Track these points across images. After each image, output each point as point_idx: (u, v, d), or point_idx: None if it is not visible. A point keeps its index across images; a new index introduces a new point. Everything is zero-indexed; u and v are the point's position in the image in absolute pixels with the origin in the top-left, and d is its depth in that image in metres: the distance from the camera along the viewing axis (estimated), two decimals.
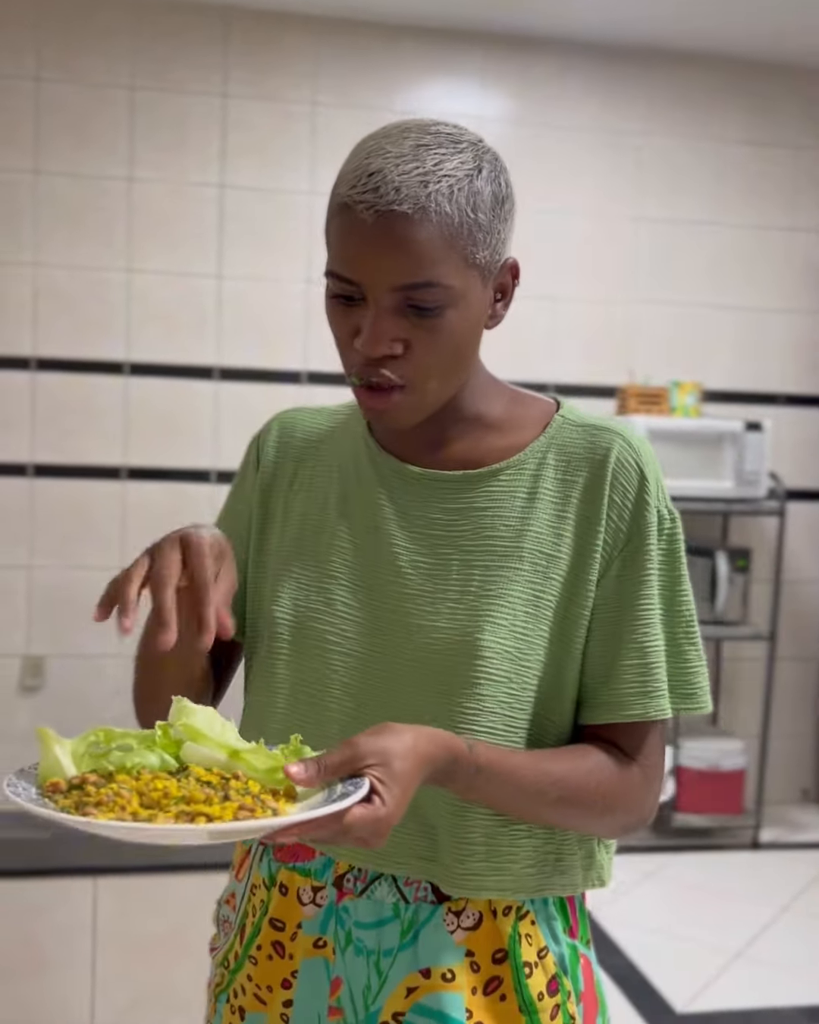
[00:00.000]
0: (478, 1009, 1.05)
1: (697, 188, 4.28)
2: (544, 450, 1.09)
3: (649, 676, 1.05)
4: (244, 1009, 1.13)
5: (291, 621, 1.10)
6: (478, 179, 0.99)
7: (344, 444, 1.17)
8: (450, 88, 4.07)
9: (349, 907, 1.07)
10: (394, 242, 0.97)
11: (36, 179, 3.81)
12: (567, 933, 1.12)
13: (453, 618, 1.05)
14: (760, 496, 3.99)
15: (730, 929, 3.39)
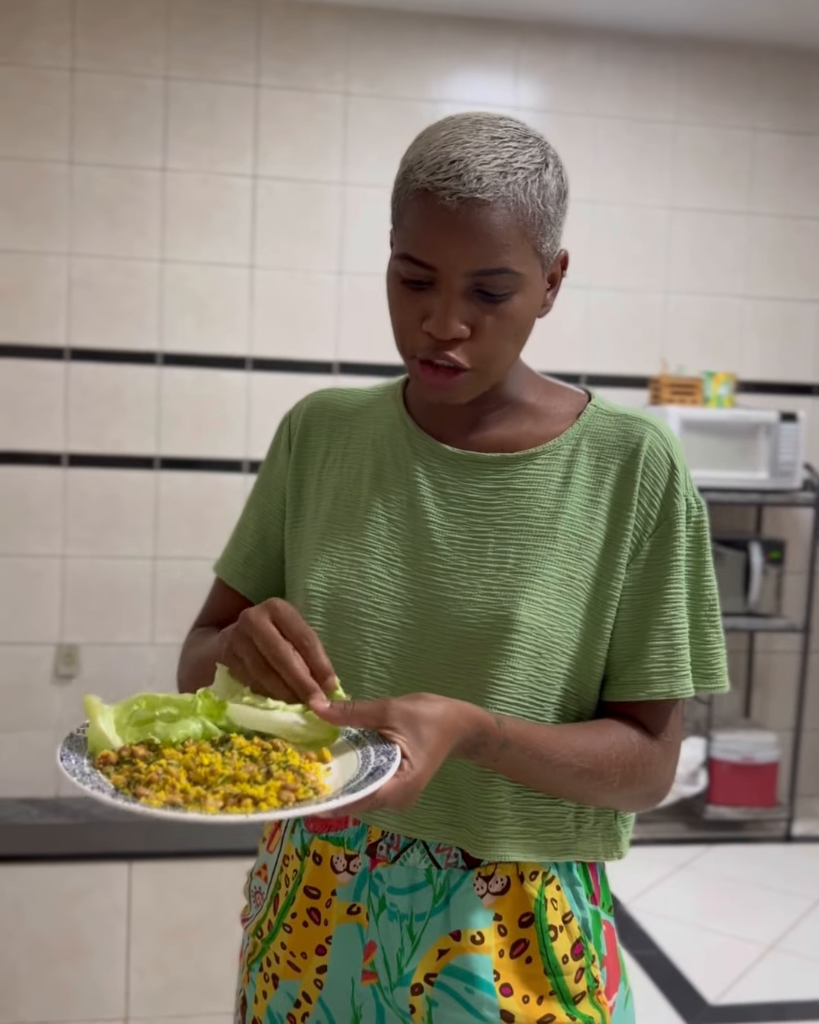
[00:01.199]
0: (505, 971, 1.09)
1: (731, 177, 4.25)
2: (578, 437, 1.14)
3: (675, 656, 1.10)
4: (278, 977, 1.17)
5: (325, 594, 1.13)
6: (546, 173, 1.05)
7: (379, 421, 1.20)
8: (483, 77, 4.06)
9: (382, 874, 1.11)
10: (474, 228, 1.01)
11: (71, 169, 3.82)
12: (590, 899, 1.15)
13: (488, 593, 1.08)
14: (795, 487, 3.96)
15: (762, 921, 3.37)
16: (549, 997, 1.10)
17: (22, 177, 3.80)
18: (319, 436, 1.22)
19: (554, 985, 1.10)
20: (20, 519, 3.88)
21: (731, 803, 4.04)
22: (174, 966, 2.34)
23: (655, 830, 4.07)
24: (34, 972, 2.32)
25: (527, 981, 1.10)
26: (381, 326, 1.18)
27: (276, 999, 1.17)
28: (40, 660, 3.91)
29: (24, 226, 3.81)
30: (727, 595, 4.00)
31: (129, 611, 3.96)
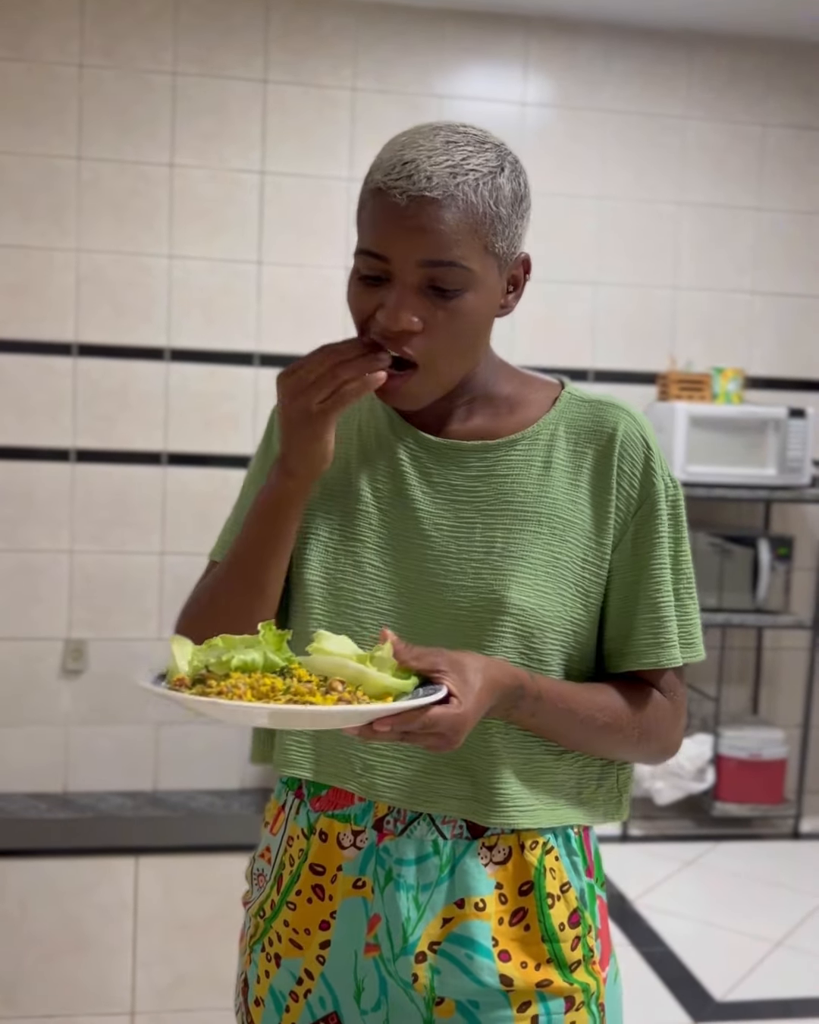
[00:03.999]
0: (503, 938, 1.14)
1: (740, 172, 4.23)
2: (555, 423, 1.19)
3: (662, 628, 1.17)
4: (280, 956, 1.20)
5: (323, 583, 1.17)
6: (500, 176, 1.09)
7: (361, 410, 1.24)
8: (491, 72, 4.05)
9: (390, 847, 1.15)
10: (423, 222, 1.06)
11: (79, 165, 3.83)
12: (585, 872, 1.20)
13: (478, 577, 1.13)
14: (803, 484, 3.95)
15: (770, 918, 3.37)
16: (546, 964, 1.15)
17: (30, 173, 3.80)
18: None
19: (551, 952, 1.15)
20: (28, 514, 3.88)
21: (739, 800, 4.03)
22: (180, 960, 2.35)
23: (663, 826, 4.06)
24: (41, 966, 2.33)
25: (525, 947, 1.14)
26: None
27: (278, 978, 1.20)
28: (47, 655, 3.92)
29: (32, 222, 3.82)
30: (735, 591, 3.99)
31: (136, 606, 3.96)
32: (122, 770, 3.96)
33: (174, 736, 3.97)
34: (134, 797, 3.89)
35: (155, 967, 2.35)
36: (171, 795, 3.93)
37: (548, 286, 4.10)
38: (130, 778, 3.96)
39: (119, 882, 2.32)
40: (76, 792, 3.91)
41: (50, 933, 2.32)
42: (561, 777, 1.17)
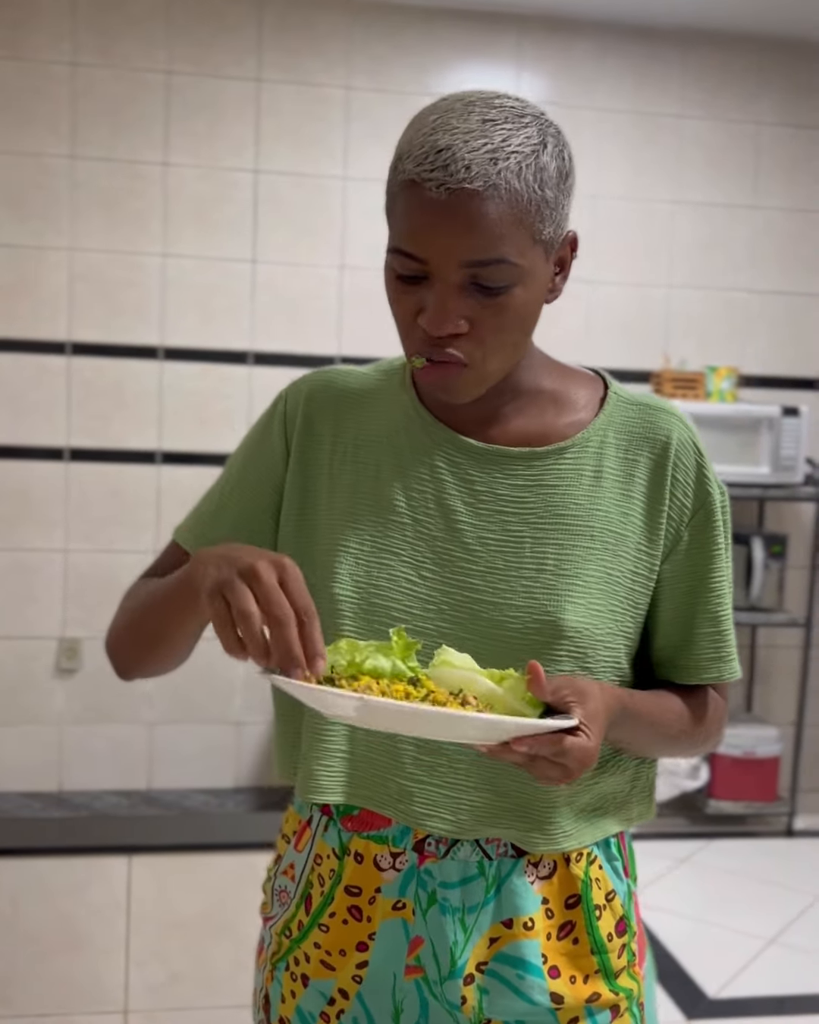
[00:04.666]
0: (552, 953, 1.10)
1: (735, 171, 4.24)
2: (604, 429, 1.12)
3: (723, 642, 1.13)
4: (308, 976, 1.15)
5: (354, 598, 1.08)
6: (544, 154, 1.00)
7: (390, 409, 1.14)
8: (485, 71, 4.05)
9: (432, 869, 1.10)
10: (465, 219, 0.96)
11: (72, 164, 3.82)
12: (623, 872, 1.17)
13: (530, 596, 1.06)
14: (797, 482, 3.95)
15: (763, 916, 3.37)
16: (594, 975, 1.11)
17: (23, 172, 3.80)
18: (324, 423, 1.15)
19: (599, 963, 1.12)
20: (22, 513, 3.88)
21: (732, 797, 4.04)
22: (174, 959, 2.35)
23: (656, 824, 4.07)
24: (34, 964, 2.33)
25: (574, 961, 1.11)
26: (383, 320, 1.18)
27: (306, 998, 1.15)
28: (42, 654, 3.92)
29: (25, 221, 3.81)
30: None
31: None
32: (116, 769, 3.96)
33: (168, 735, 3.97)
34: (128, 796, 3.89)
35: (149, 965, 2.35)
36: (165, 794, 3.93)
37: None
38: (124, 777, 3.96)
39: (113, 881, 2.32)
40: (70, 791, 3.92)
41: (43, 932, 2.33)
42: (603, 788, 1.13)
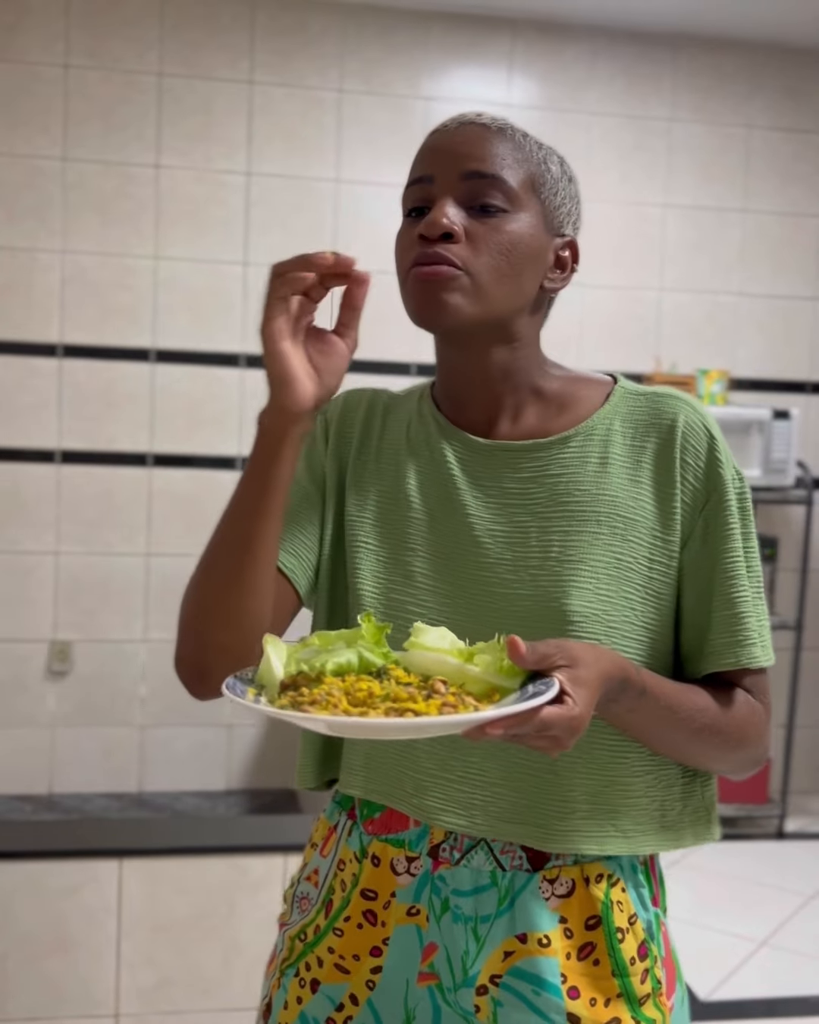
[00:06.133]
0: (572, 973, 1.08)
1: (725, 174, 4.25)
2: (610, 417, 1.12)
3: (740, 625, 1.08)
4: (319, 981, 1.15)
5: (373, 593, 1.12)
6: (549, 149, 1.12)
7: (411, 419, 1.19)
8: (477, 74, 4.06)
9: (445, 876, 1.10)
10: (471, 138, 1.07)
11: (64, 166, 3.82)
12: (652, 901, 1.15)
13: (536, 584, 1.07)
14: (787, 485, 3.96)
15: (754, 918, 3.38)
16: (616, 999, 1.09)
17: (15, 173, 3.80)
18: (352, 430, 1.20)
19: (622, 987, 1.09)
20: (13, 516, 3.88)
21: (724, 800, 4.04)
22: (164, 962, 2.35)
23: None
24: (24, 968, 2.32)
25: (595, 983, 1.09)
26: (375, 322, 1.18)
27: (313, 1004, 1.15)
28: (33, 657, 3.91)
29: (17, 223, 3.81)
30: None
31: (122, 608, 3.96)
32: (107, 772, 3.95)
33: (159, 738, 3.97)
34: (119, 799, 3.89)
35: (139, 969, 2.35)
36: (156, 797, 3.92)
37: None
38: (115, 780, 3.96)
39: (103, 884, 2.32)
40: (61, 794, 3.91)
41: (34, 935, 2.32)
42: (643, 800, 1.10)
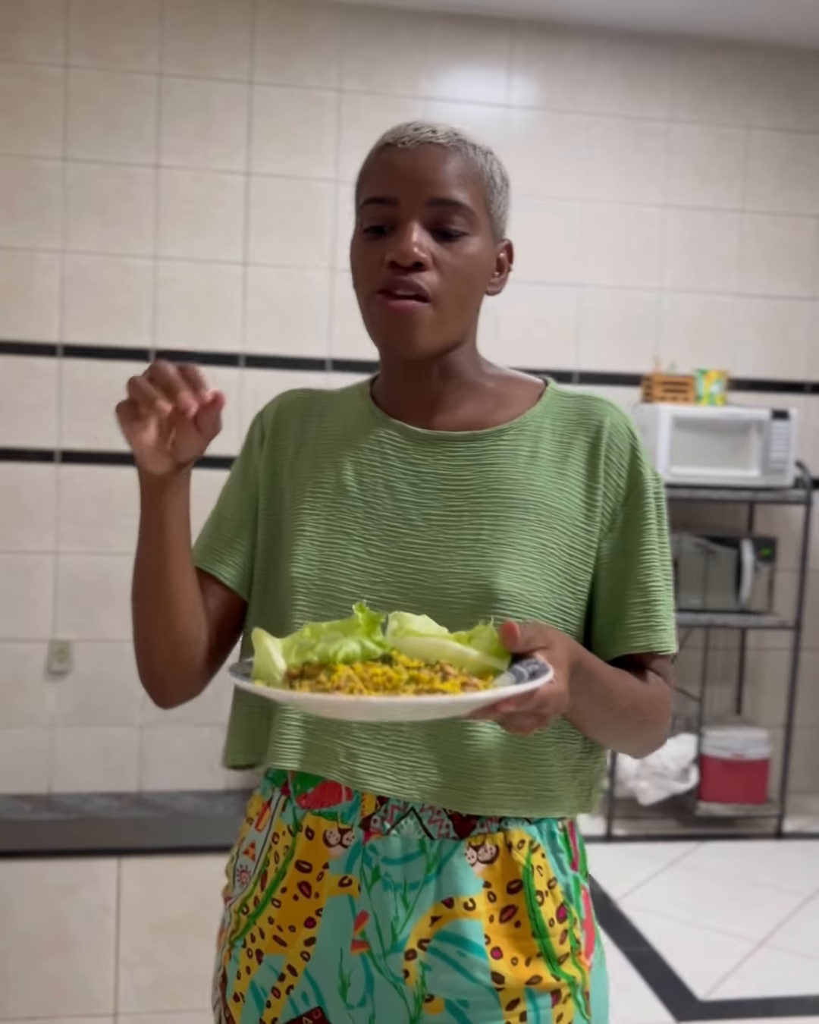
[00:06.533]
0: (495, 935, 1.15)
1: (724, 175, 4.25)
2: (542, 416, 1.21)
3: (653, 612, 1.18)
4: (262, 952, 1.20)
5: (307, 575, 1.18)
6: (491, 155, 1.18)
7: (348, 414, 1.26)
8: (477, 74, 4.06)
9: (376, 846, 1.15)
10: (433, 163, 1.12)
11: (64, 166, 3.82)
12: (571, 866, 1.21)
13: (466, 564, 1.14)
14: (786, 485, 3.97)
15: (753, 918, 3.38)
16: (536, 958, 1.16)
17: (15, 173, 3.80)
18: (289, 430, 1.27)
19: (541, 947, 1.16)
20: (13, 516, 3.88)
21: (722, 800, 4.05)
22: (163, 961, 2.35)
23: (646, 826, 4.08)
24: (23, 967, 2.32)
25: (516, 943, 1.15)
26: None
27: (260, 974, 1.20)
28: (32, 656, 3.91)
29: (17, 222, 3.82)
30: (719, 592, 4.00)
31: (122, 607, 3.94)
32: (106, 771, 3.96)
33: (158, 737, 3.97)
34: (118, 798, 3.89)
35: (138, 968, 2.35)
36: (155, 796, 3.93)
37: (533, 288, 4.11)
38: (114, 779, 3.96)
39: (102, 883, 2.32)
40: (60, 793, 3.91)
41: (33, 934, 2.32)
42: (545, 768, 1.18)
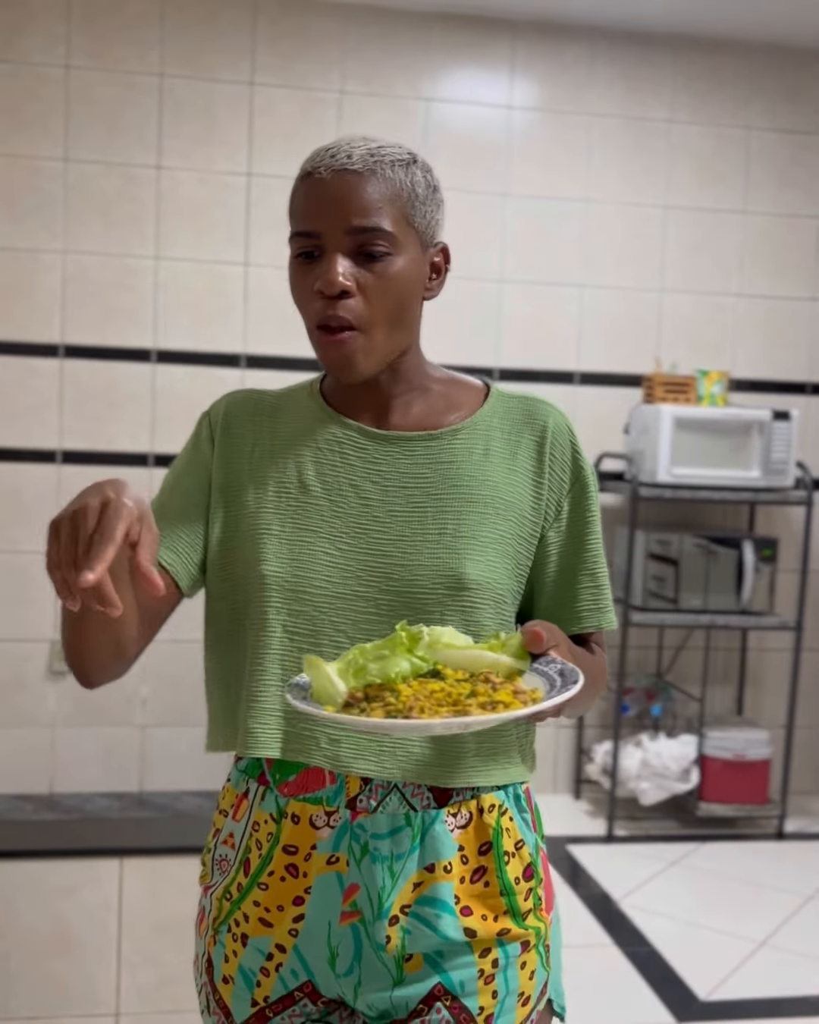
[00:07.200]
0: (464, 895, 1.23)
1: (725, 176, 4.26)
2: (490, 416, 1.30)
3: (599, 595, 1.31)
4: (247, 936, 1.26)
5: (278, 573, 1.23)
6: (413, 165, 1.22)
7: (300, 415, 1.32)
8: (478, 75, 4.06)
9: (364, 823, 1.22)
10: (348, 193, 1.17)
11: (66, 167, 3.83)
12: (532, 826, 1.30)
13: (435, 556, 1.23)
14: (787, 485, 3.97)
15: (754, 918, 3.38)
16: (503, 915, 1.24)
17: (17, 174, 3.81)
18: (242, 430, 1.32)
19: (508, 904, 1.25)
20: (14, 516, 3.88)
21: (723, 800, 4.05)
22: (165, 961, 2.35)
23: (647, 827, 4.08)
24: (25, 967, 2.33)
25: (484, 902, 1.24)
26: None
27: (247, 956, 1.26)
28: (34, 656, 3.92)
29: (19, 223, 3.82)
30: (720, 593, 4.01)
31: None
32: (108, 771, 3.96)
33: (159, 738, 3.97)
34: (120, 798, 3.89)
35: (140, 968, 2.35)
36: (157, 796, 3.93)
37: (534, 289, 4.11)
38: (116, 779, 3.96)
39: (104, 883, 2.33)
40: (62, 793, 3.91)
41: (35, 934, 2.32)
42: (507, 739, 1.26)
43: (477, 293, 4.09)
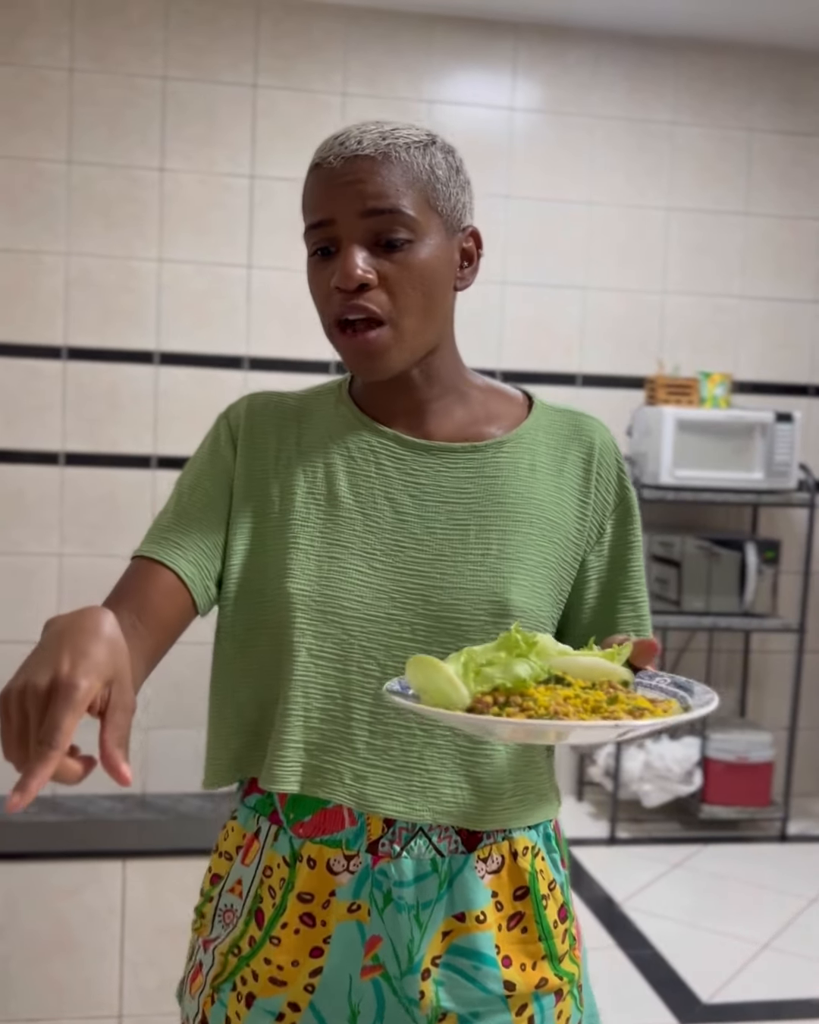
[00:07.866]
0: (504, 943, 1.14)
1: (728, 178, 4.26)
2: (535, 428, 1.20)
3: (641, 625, 1.21)
4: (253, 996, 1.13)
5: (306, 591, 1.11)
6: (432, 147, 1.12)
7: (330, 421, 1.20)
8: (481, 77, 4.06)
9: (386, 869, 1.12)
10: (359, 175, 1.07)
11: (69, 169, 3.83)
12: (561, 863, 1.22)
13: (477, 579, 1.12)
14: (790, 488, 3.97)
15: (757, 921, 3.38)
16: (541, 961, 1.16)
17: (20, 176, 3.81)
18: (266, 435, 1.19)
19: (546, 949, 1.16)
20: (17, 518, 3.89)
21: (726, 802, 4.04)
22: (167, 963, 2.35)
23: (650, 829, 4.07)
24: (28, 969, 2.32)
25: (524, 948, 1.15)
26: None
27: (251, 1018, 1.13)
28: None
29: (22, 225, 3.82)
30: (722, 595, 4.00)
31: None
32: None
33: (162, 740, 3.97)
34: (123, 800, 3.89)
35: (142, 970, 2.35)
36: (160, 798, 3.92)
37: (537, 290, 4.11)
38: None
39: (107, 885, 2.32)
40: (64, 795, 3.91)
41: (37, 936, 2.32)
42: (540, 775, 1.19)
43: (479, 295, 4.09)
